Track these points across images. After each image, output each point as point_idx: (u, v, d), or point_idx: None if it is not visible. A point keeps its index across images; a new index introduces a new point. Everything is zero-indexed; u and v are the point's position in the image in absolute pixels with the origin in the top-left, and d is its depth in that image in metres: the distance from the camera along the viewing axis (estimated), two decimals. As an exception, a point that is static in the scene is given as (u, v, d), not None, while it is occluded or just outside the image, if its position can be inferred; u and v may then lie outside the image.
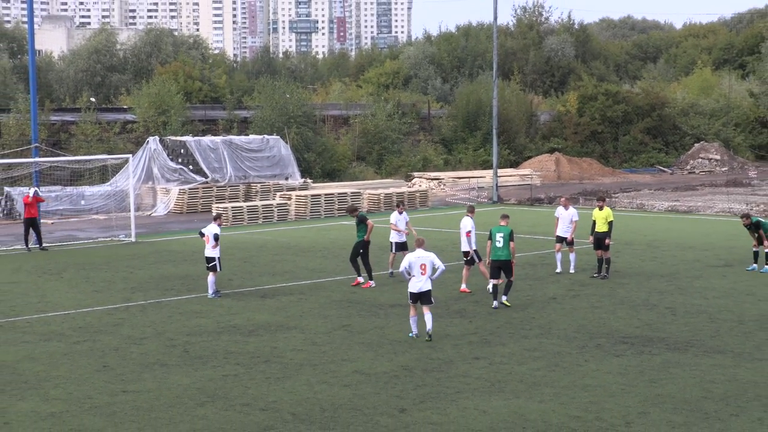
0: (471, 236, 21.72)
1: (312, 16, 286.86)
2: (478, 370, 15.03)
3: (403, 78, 79.18)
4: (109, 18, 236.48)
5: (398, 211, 23.95)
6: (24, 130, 45.03)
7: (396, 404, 13.35)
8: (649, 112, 66.06)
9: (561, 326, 18.18)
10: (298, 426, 12.46)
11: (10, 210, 39.15)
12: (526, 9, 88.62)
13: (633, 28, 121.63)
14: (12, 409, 13.28)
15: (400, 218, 23.80)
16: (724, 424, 12.37)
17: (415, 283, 17.11)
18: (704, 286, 22.35)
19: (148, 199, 43.15)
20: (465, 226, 21.80)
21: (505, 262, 19.75)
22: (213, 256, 21.60)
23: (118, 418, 12.83)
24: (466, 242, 21.73)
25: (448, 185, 52.61)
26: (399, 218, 23.79)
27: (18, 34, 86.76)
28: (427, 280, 17.10)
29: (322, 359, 15.90)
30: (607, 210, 23.51)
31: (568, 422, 12.49)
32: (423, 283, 17.05)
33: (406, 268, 17.14)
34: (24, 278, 24.71)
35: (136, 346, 16.94)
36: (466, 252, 21.78)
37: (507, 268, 19.84)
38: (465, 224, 21.82)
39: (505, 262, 19.74)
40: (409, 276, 17.18)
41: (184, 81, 65.73)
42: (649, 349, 16.29)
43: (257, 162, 45.41)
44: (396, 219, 23.78)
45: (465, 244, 21.77)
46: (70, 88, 73.71)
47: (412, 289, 17.16)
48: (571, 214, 24.20)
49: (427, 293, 17.11)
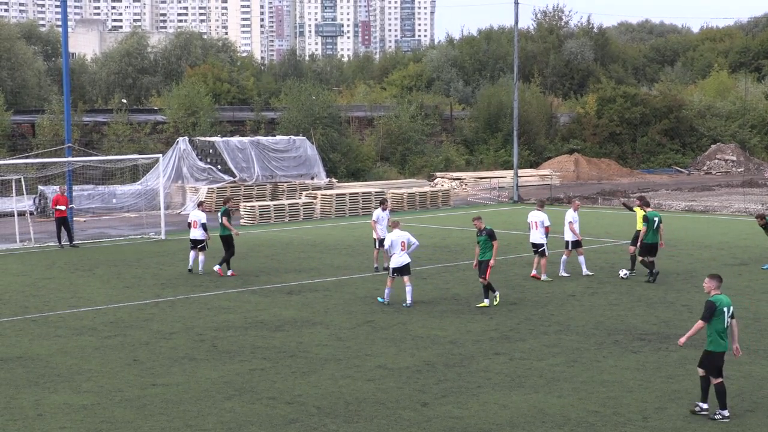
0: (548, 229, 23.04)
1: (337, 20, 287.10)
2: (498, 366, 15.26)
3: (426, 80, 79.42)
4: (141, 22, 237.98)
5: (382, 209, 25.16)
6: (57, 131, 45.69)
7: (418, 398, 13.58)
8: (666, 114, 66.01)
9: (579, 323, 18.39)
10: (323, 419, 12.70)
11: (44, 208, 39.85)
12: (546, 13, 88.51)
13: (651, 31, 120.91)
14: (45, 401, 13.60)
15: (383, 215, 24.97)
16: (739, 420, 12.51)
17: (396, 259, 19.86)
18: (720, 284, 22.42)
19: (178, 198, 43.71)
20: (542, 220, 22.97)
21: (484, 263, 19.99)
22: (202, 238, 24.52)
23: (147, 411, 13.10)
24: (539, 235, 22.91)
25: (469, 185, 52.82)
26: (382, 215, 24.95)
27: (52, 37, 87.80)
28: (406, 255, 19.85)
29: (347, 354, 16.18)
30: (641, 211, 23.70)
31: (587, 417, 12.68)
32: (403, 258, 19.82)
33: (389, 246, 19.90)
34: (57, 274, 25.19)
35: (166, 341, 17.27)
36: (539, 244, 22.95)
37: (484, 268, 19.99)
38: (538, 217, 23.02)
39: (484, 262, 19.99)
40: (391, 253, 19.86)
41: (213, 83, 66.36)
42: (666, 346, 16.48)
43: (284, 162, 45.89)
44: (378, 216, 24.98)
45: (537, 237, 22.98)
46: (102, 89, 74.63)
47: (394, 264, 19.91)
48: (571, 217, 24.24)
49: (407, 266, 19.93)
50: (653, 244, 22.68)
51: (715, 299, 12.61)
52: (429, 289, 22.24)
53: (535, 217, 23.10)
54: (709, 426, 12.34)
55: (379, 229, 24.55)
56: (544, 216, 23.10)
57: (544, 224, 22.94)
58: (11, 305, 20.93)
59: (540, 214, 23.08)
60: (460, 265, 25.91)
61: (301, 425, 12.52)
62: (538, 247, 23.11)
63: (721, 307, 12.54)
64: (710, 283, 12.79)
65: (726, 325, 12.62)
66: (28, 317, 19.58)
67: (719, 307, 12.53)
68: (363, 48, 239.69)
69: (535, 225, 23.03)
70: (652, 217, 22.62)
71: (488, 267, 19.85)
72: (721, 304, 12.58)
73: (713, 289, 12.71)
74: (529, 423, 12.51)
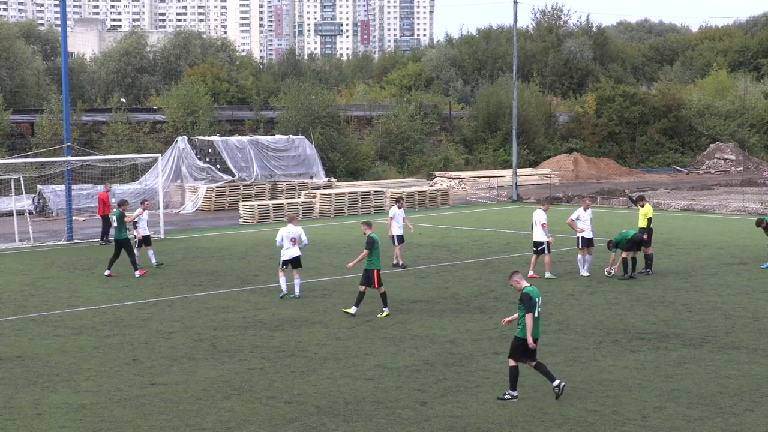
0: (545, 228, 23.32)
1: (336, 20, 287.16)
2: (497, 365, 15.26)
3: (425, 80, 79.46)
4: (140, 21, 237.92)
5: (398, 206, 25.97)
6: (57, 130, 45.69)
7: (417, 398, 13.61)
8: (665, 113, 66.07)
9: (578, 322, 18.42)
10: (322, 418, 12.72)
11: (42, 207, 39.85)
12: (545, 12, 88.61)
13: (650, 31, 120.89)
14: (44, 401, 13.63)
15: (399, 213, 25.66)
16: (738, 419, 12.54)
17: (287, 252, 20.74)
18: (719, 283, 22.50)
19: (177, 197, 43.75)
20: (540, 218, 23.27)
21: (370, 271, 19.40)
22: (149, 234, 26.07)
23: (146, 410, 13.13)
24: (540, 233, 23.15)
25: (468, 184, 52.85)
26: (398, 213, 25.70)
27: (51, 36, 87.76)
28: (297, 249, 20.77)
29: (346, 353, 16.20)
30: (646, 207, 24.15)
31: (586, 416, 12.71)
32: (294, 251, 20.71)
33: (279, 241, 20.72)
34: (56, 274, 25.20)
35: (165, 340, 17.30)
36: (539, 242, 23.23)
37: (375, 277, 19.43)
38: (539, 217, 23.31)
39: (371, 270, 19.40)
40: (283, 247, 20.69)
41: (212, 82, 66.37)
42: (665, 345, 16.49)
43: (283, 161, 45.91)
44: (394, 213, 25.70)
45: (538, 235, 23.20)
46: (101, 89, 74.62)
47: (285, 257, 20.79)
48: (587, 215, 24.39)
49: (297, 258, 20.89)
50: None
51: (528, 290, 13.43)
52: (428, 288, 22.26)
53: (538, 216, 23.48)
54: (708, 425, 12.36)
55: (395, 227, 25.36)
56: (545, 216, 23.46)
57: (540, 222, 23.28)
58: (10, 304, 20.93)
59: (541, 214, 23.44)
60: (459, 264, 25.93)
61: (300, 424, 12.53)
62: (538, 245, 23.30)
63: (534, 297, 13.42)
64: (518, 276, 13.70)
65: (538, 314, 13.57)
66: (27, 317, 19.60)
67: (533, 297, 13.40)
68: (362, 47, 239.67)
69: (535, 223, 23.39)
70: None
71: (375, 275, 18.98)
72: (535, 294, 13.48)
73: (521, 281, 13.61)
74: (528, 422, 12.53)
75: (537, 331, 13.50)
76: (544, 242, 23.27)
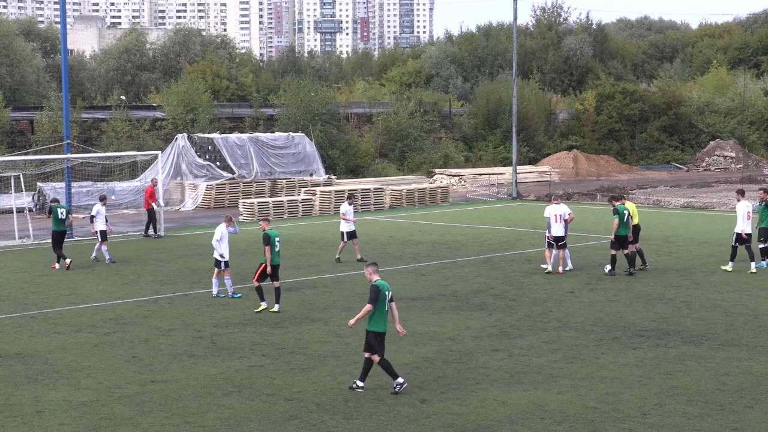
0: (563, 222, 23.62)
1: (336, 17, 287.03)
2: (497, 362, 15.30)
3: (425, 77, 79.42)
4: (139, 18, 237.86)
5: (348, 203, 26.21)
6: (56, 128, 45.68)
7: (417, 395, 13.64)
8: (665, 111, 66.05)
9: (578, 319, 18.43)
10: (322, 415, 12.75)
11: (42, 205, 39.85)
12: (545, 9, 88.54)
13: (650, 28, 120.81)
14: (44, 398, 13.65)
15: (350, 209, 25.96)
16: (738, 416, 12.56)
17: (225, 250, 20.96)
18: (719, 280, 22.50)
19: (177, 195, 43.73)
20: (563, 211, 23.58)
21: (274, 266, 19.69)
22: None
23: (146, 408, 13.15)
24: (561, 228, 23.44)
25: (468, 182, 52.80)
26: (348, 209, 25.94)
27: (51, 33, 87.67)
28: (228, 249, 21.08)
29: (346, 350, 16.23)
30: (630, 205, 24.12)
31: (586, 413, 12.73)
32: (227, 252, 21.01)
33: (217, 240, 20.94)
34: (57, 271, 25.16)
35: (165, 338, 17.32)
36: (561, 237, 23.51)
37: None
38: (562, 210, 23.59)
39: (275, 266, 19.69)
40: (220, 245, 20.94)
41: (212, 80, 66.32)
42: (665, 342, 16.51)
43: (283, 158, 45.90)
44: (345, 209, 25.94)
45: (559, 230, 23.47)
46: (101, 86, 74.58)
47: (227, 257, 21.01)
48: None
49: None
50: (624, 236, 23.20)
51: (378, 284, 13.77)
52: (428, 286, 22.27)
53: (556, 210, 23.64)
54: (708, 422, 12.37)
55: (344, 224, 25.91)
56: (565, 208, 23.83)
57: (564, 217, 23.53)
58: (10, 302, 20.95)
59: (561, 207, 23.75)
60: (459, 261, 25.95)
61: (300, 422, 12.55)
62: (560, 240, 23.56)
63: (384, 291, 13.75)
64: (371, 269, 14.06)
65: (387, 308, 13.90)
66: (27, 314, 19.61)
67: (382, 291, 13.73)
68: (362, 44, 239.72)
69: (555, 218, 23.53)
70: (621, 211, 23.10)
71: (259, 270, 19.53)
72: (384, 288, 13.80)
73: (373, 275, 13.93)
74: (528, 419, 12.54)
75: (384, 325, 13.80)
76: (565, 236, 23.61)
